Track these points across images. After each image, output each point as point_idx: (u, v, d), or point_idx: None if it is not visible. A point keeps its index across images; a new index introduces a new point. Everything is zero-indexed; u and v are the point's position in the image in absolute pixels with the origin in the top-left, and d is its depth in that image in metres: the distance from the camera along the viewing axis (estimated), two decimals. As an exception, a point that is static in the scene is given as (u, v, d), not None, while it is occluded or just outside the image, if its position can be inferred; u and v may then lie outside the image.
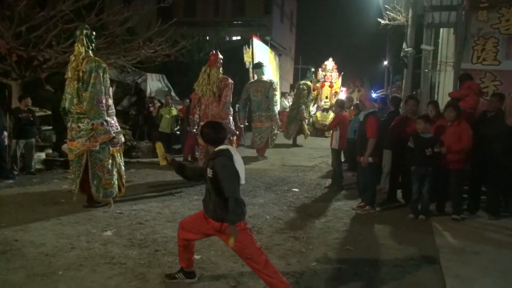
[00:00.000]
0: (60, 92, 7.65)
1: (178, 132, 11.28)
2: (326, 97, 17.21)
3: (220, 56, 7.84)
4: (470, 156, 5.81)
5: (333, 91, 17.35)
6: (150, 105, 12.47)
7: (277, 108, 11.78)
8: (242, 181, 3.22)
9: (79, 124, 5.73)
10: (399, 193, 6.65)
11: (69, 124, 5.89)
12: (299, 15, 39.49)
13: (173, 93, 13.92)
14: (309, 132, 14.18)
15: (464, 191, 6.05)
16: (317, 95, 17.03)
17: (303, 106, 13.28)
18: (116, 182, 5.98)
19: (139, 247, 4.40)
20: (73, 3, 8.74)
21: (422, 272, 4.01)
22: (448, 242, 4.91)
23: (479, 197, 6.17)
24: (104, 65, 5.82)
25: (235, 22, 28.39)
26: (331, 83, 17.52)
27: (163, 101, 12.19)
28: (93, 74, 5.64)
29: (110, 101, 6.00)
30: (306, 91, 13.41)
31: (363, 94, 7.86)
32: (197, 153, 10.27)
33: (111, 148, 5.85)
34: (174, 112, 10.78)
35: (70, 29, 8.91)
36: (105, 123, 5.75)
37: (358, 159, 6.09)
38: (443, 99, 9.69)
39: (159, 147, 3.72)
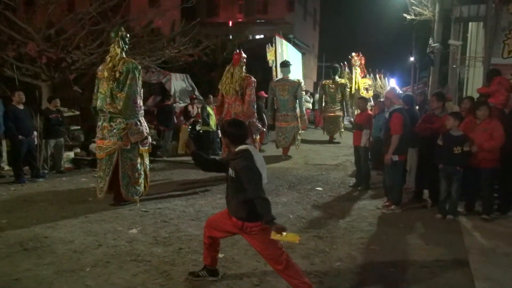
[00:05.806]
0: (87, 93, 7.85)
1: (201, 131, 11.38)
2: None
3: (244, 55, 7.85)
4: (501, 154, 5.62)
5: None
6: (174, 104, 12.63)
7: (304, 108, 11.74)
8: (265, 180, 3.21)
9: (111, 123, 5.84)
10: (425, 192, 6.49)
11: (99, 123, 6.00)
12: (322, 12, 39.24)
13: (196, 93, 14.05)
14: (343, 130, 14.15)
15: (494, 190, 5.86)
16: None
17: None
18: (142, 181, 6.09)
19: (163, 245, 4.46)
20: (100, 5, 8.96)
21: (451, 274, 3.91)
22: (478, 242, 4.77)
23: (510, 197, 5.96)
24: (139, 67, 5.94)
25: (258, 21, 28.41)
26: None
27: (186, 100, 12.20)
28: (130, 75, 5.76)
29: (141, 102, 6.12)
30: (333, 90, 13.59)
31: (389, 91, 7.73)
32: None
33: (140, 148, 5.97)
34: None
35: (96, 31, 9.14)
36: (138, 123, 5.88)
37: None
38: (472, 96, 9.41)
39: (184, 131, 3.58)
